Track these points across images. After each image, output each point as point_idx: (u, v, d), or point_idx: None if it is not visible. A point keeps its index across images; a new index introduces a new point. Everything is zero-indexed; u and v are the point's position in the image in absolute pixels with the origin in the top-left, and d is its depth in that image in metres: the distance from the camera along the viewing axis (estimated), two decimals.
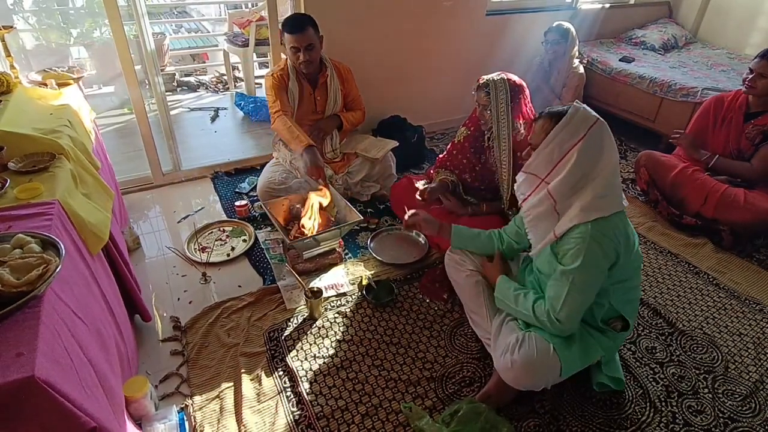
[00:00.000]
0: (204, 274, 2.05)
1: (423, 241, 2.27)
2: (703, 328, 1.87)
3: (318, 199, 2.10)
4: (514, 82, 2.00)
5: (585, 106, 1.36)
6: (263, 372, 1.63)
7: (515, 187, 1.51)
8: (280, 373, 1.63)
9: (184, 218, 2.47)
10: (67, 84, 2.01)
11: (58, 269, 0.97)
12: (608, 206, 1.29)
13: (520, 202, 1.49)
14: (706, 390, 1.62)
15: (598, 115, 1.34)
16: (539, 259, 1.48)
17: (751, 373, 1.68)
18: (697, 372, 1.68)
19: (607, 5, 4.01)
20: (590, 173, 1.31)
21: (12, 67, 1.91)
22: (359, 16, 2.84)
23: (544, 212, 1.38)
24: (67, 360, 0.93)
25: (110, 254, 1.57)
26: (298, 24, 2.23)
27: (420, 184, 2.22)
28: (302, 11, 2.60)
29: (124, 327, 1.50)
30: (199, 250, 2.21)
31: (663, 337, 1.82)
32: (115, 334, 1.37)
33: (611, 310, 1.44)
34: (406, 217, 1.89)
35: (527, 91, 2.06)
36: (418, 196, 2.14)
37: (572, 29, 3.26)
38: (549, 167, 1.35)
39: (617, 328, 1.46)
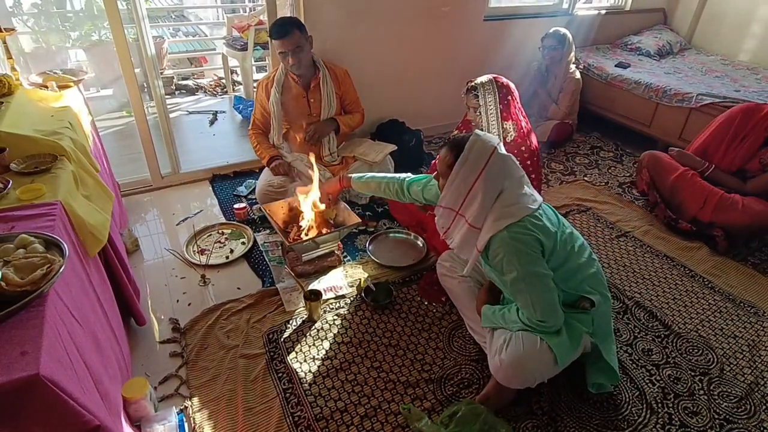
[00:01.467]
0: (203, 277, 2.05)
1: (421, 244, 2.28)
2: (699, 331, 1.88)
3: (305, 197, 2.08)
4: (503, 83, 2.03)
5: (483, 134, 1.44)
6: (262, 374, 1.63)
7: (436, 221, 1.58)
8: (280, 374, 1.64)
9: (183, 221, 2.48)
10: (68, 86, 2.02)
11: (61, 269, 0.98)
12: (517, 212, 1.37)
13: (441, 235, 1.57)
14: (701, 392, 1.63)
15: (495, 143, 1.41)
16: (492, 275, 1.55)
17: (746, 375, 1.70)
18: (693, 374, 1.70)
19: (603, 11, 4.06)
20: (500, 193, 1.40)
21: (13, 69, 1.92)
22: (358, 20, 2.86)
23: (467, 235, 1.46)
24: (67, 360, 0.94)
25: (107, 256, 1.57)
26: (282, 28, 2.23)
27: None
28: (302, 16, 2.62)
29: (117, 330, 1.50)
30: (198, 252, 2.21)
31: (659, 340, 1.83)
32: (109, 337, 1.37)
33: (569, 294, 1.47)
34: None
35: (516, 93, 2.08)
36: None
37: (569, 35, 3.30)
38: (460, 200, 1.44)
39: (586, 307, 1.48)
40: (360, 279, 2.03)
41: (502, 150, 1.43)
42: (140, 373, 1.62)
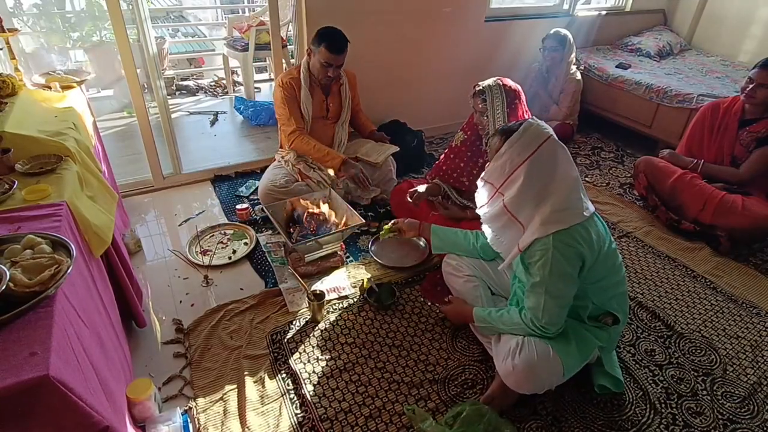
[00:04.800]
0: (206, 277, 2.05)
1: (423, 245, 2.28)
2: (701, 331, 1.89)
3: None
4: (510, 87, 2.03)
5: (540, 122, 1.40)
6: (266, 374, 1.63)
7: (476, 194, 1.54)
8: (283, 375, 1.64)
9: (185, 221, 2.48)
10: (71, 87, 2.02)
11: (69, 270, 0.98)
12: (567, 219, 1.32)
13: (478, 208, 1.53)
14: (704, 392, 1.64)
15: (551, 132, 1.38)
16: (518, 270, 1.52)
17: (749, 376, 1.70)
18: (696, 374, 1.70)
19: (604, 12, 4.07)
20: (547, 187, 1.35)
21: (16, 69, 1.92)
22: (359, 21, 2.87)
23: (505, 226, 1.42)
24: (75, 361, 0.94)
25: (109, 258, 1.57)
26: (340, 44, 2.27)
27: (421, 188, 2.23)
28: (303, 17, 2.62)
29: (119, 331, 1.50)
30: (200, 253, 2.21)
31: (662, 340, 1.84)
32: (113, 338, 1.37)
33: (596, 308, 1.47)
34: (386, 227, 1.98)
35: (523, 96, 2.09)
36: (408, 198, 2.19)
37: (569, 36, 3.30)
38: (502, 179, 1.39)
39: (608, 323, 1.49)
40: (363, 280, 2.03)
41: (556, 140, 1.38)
42: (144, 374, 1.62)
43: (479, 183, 1.50)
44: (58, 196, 1.29)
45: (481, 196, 1.50)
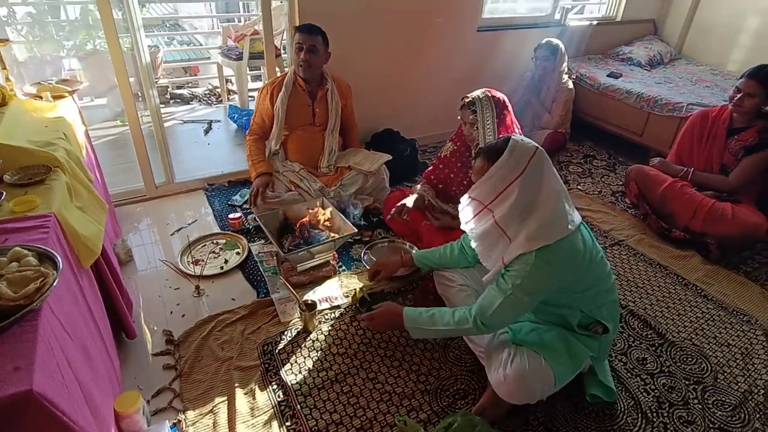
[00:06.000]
0: (197, 287, 2.04)
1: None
2: (693, 339, 1.89)
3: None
4: (498, 98, 2.04)
5: (522, 138, 1.40)
6: (257, 386, 1.62)
7: (459, 209, 1.53)
8: (275, 386, 1.62)
9: (177, 231, 2.47)
10: (62, 96, 2.01)
11: (55, 283, 0.97)
12: (552, 234, 1.32)
13: (463, 224, 1.52)
14: (696, 401, 1.64)
15: (536, 145, 1.38)
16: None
17: (739, 384, 1.71)
18: (687, 383, 1.70)
19: (595, 22, 4.12)
20: (534, 201, 1.35)
21: (7, 79, 1.91)
22: (353, 31, 2.89)
23: (495, 241, 1.41)
24: (59, 376, 0.93)
25: (98, 268, 1.56)
26: (310, 26, 2.38)
27: (409, 201, 2.22)
28: (297, 25, 2.63)
29: (109, 344, 1.48)
30: (192, 263, 2.20)
31: (653, 348, 1.84)
32: (101, 351, 1.36)
33: (585, 316, 1.47)
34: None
35: (510, 106, 2.10)
36: (395, 215, 2.17)
37: (561, 46, 3.33)
38: (492, 196, 1.38)
39: (599, 332, 1.49)
40: (355, 289, 2.03)
41: (542, 152, 1.38)
42: (133, 387, 1.60)
43: (464, 200, 1.49)
44: (46, 207, 1.28)
45: (466, 212, 1.49)
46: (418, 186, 2.40)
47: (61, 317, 1.06)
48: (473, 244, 1.53)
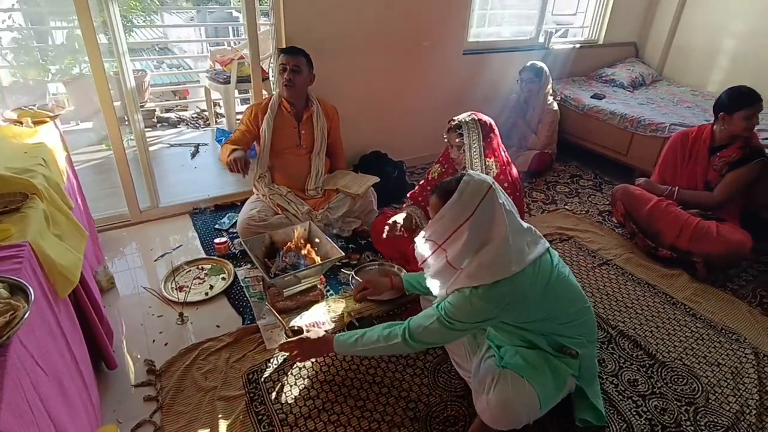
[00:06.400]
0: (181, 315, 1.99)
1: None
2: (683, 359, 1.88)
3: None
4: (485, 121, 2.06)
5: (476, 175, 1.39)
6: (242, 417, 1.57)
7: (415, 250, 1.53)
8: (260, 417, 1.57)
9: (162, 256, 2.42)
10: (44, 122, 1.99)
11: (26, 316, 0.93)
12: (491, 275, 1.32)
13: (419, 263, 1.53)
14: (688, 423, 1.62)
15: (490, 183, 1.38)
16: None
17: (731, 404, 1.69)
18: (679, 404, 1.68)
19: (578, 45, 4.21)
20: (485, 241, 1.36)
21: None
22: (339, 54, 2.91)
23: (449, 278, 1.43)
24: (29, 414, 0.88)
25: (77, 297, 1.52)
26: (294, 48, 2.43)
27: (399, 218, 2.22)
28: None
29: (87, 375, 1.43)
30: (176, 289, 2.15)
31: (644, 369, 1.82)
32: (78, 384, 1.31)
33: (552, 339, 1.46)
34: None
35: (497, 129, 2.12)
36: (386, 233, 2.17)
37: (545, 68, 3.40)
38: (445, 236, 1.39)
39: (573, 355, 1.46)
40: (343, 314, 1.99)
41: (497, 190, 1.39)
42: (112, 420, 1.55)
43: (419, 240, 1.50)
44: (21, 236, 1.24)
45: (423, 251, 1.49)
46: (404, 207, 2.39)
47: (33, 351, 1.01)
48: (429, 282, 1.53)
